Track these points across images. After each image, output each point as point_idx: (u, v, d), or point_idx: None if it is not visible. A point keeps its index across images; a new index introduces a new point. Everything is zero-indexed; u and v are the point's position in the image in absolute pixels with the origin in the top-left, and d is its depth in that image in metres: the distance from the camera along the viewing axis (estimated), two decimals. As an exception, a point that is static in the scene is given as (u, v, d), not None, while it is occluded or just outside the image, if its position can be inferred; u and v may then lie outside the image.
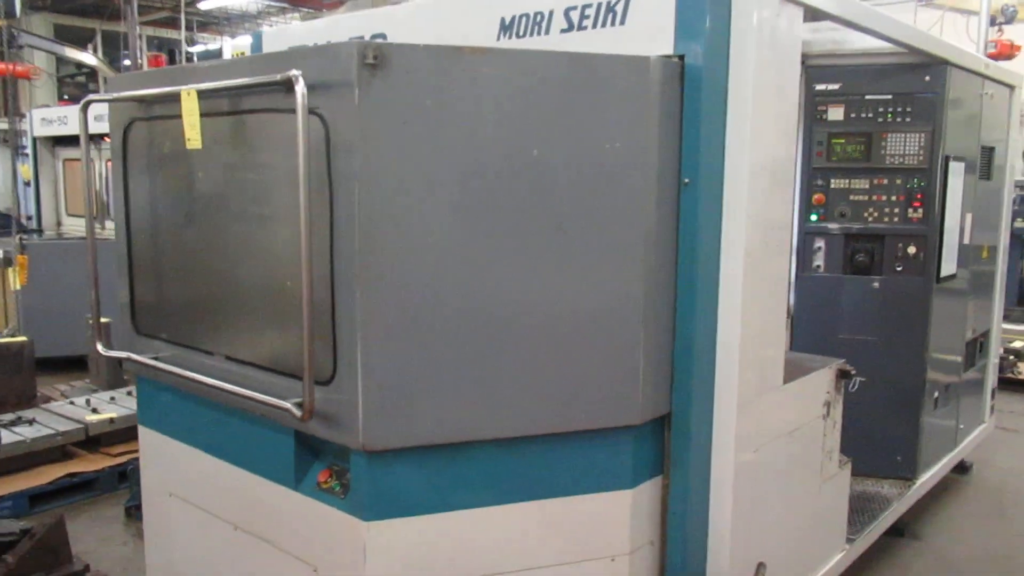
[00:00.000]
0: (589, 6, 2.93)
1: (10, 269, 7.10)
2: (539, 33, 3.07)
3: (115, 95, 3.14)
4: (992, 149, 5.36)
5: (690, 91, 2.72)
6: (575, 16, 2.97)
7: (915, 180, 4.58)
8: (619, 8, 2.86)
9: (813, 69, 4.63)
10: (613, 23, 2.87)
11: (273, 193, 2.65)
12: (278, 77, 2.35)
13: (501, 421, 2.57)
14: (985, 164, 5.22)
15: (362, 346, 2.40)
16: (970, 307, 5.33)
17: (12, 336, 6.89)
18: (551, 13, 3.03)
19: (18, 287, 7.03)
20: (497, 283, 2.51)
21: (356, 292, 2.38)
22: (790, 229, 3.16)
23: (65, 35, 19.71)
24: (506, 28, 3.16)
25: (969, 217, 5.07)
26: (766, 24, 2.79)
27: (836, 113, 4.64)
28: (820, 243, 4.75)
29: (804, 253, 4.76)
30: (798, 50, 3.05)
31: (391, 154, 2.35)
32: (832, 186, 4.69)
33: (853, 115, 4.62)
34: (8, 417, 5.77)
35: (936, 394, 4.95)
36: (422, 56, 2.36)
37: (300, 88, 2.30)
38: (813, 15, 3.42)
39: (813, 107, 4.65)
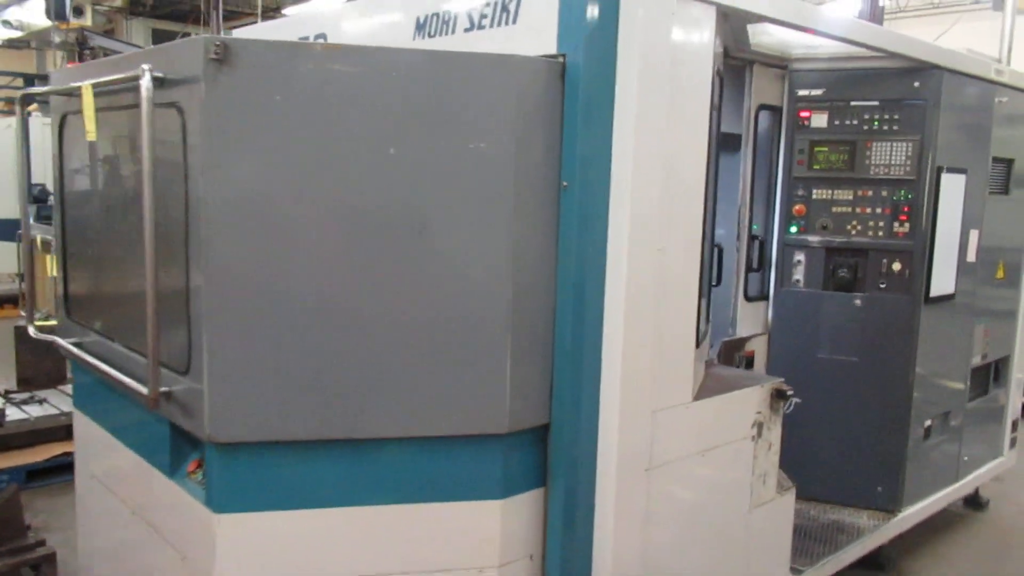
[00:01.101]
0: (488, 4, 2.87)
1: (48, 255, 7.48)
2: (447, 32, 3.03)
3: (48, 89, 3.27)
4: (1010, 161, 4.99)
5: (570, 91, 2.63)
6: (475, 15, 2.92)
7: (901, 192, 4.30)
8: (512, 6, 2.80)
9: (795, 73, 4.41)
10: (507, 22, 2.81)
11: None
12: (132, 73, 2.40)
13: (355, 421, 2.55)
14: (999, 177, 4.85)
15: (208, 336, 2.42)
16: (979, 330, 4.96)
17: (45, 320, 7.27)
18: (457, 13, 2.98)
19: (55, 273, 7.40)
20: (351, 281, 2.49)
21: (201, 282, 2.40)
22: (703, 235, 3.01)
23: (162, 39, 20.76)
24: (420, 28, 3.14)
25: (974, 234, 4.72)
26: (658, 24, 2.67)
27: (819, 120, 4.41)
28: (800, 256, 4.52)
29: (783, 266, 4.54)
30: (709, 51, 2.91)
31: (238, 148, 2.37)
32: (814, 196, 4.46)
33: (837, 122, 4.38)
34: (22, 396, 6.09)
35: (928, 422, 4.63)
36: (269, 51, 2.37)
37: (145, 82, 2.34)
38: (742, 17, 3.28)
39: (795, 113, 4.43)
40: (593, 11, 2.58)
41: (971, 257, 4.74)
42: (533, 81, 2.57)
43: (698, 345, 3.11)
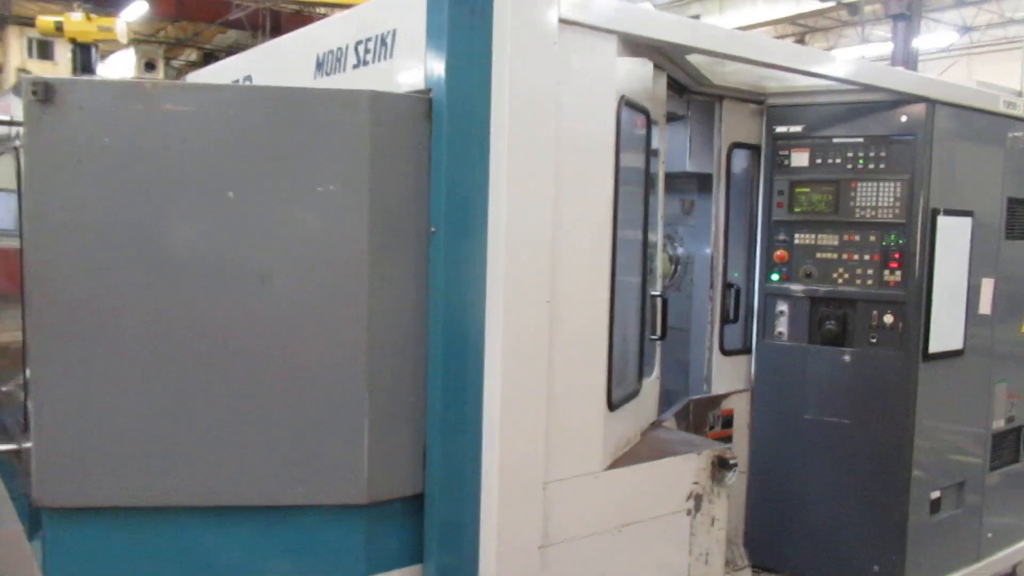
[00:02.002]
0: (370, 40, 2.70)
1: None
2: (339, 70, 2.88)
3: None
4: (1029, 202, 4.49)
5: (436, 130, 2.41)
6: (361, 51, 2.75)
7: (892, 236, 3.89)
8: (389, 41, 2.62)
9: (772, 109, 4.08)
10: (385, 56, 2.63)
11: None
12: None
13: (199, 487, 2.35)
14: (1014, 220, 4.36)
15: (36, 392, 2.27)
16: (999, 391, 4.43)
17: None
18: (346, 49, 2.83)
19: None
20: (189, 335, 2.31)
21: (30, 335, 2.26)
22: (606, 284, 2.71)
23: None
24: (319, 66, 2.99)
25: (988, 283, 4.24)
26: (535, 55, 2.43)
27: (800, 158, 4.05)
28: (783, 307, 4.13)
29: (765, 317, 4.15)
30: (610, 84, 2.65)
31: (63, 193, 2.24)
32: (796, 242, 4.08)
33: (819, 160, 4.01)
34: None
35: (936, 494, 4.12)
36: (96, 91, 2.24)
37: (-17, 126, 2.25)
38: (667, 48, 3.00)
39: (774, 152, 4.09)
40: (458, 42, 2.37)
41: (985, 309, 4.24)
42: (391, 119, 2.37)
43: (613, 407, 2.80)
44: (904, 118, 3.84)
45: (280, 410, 2.35)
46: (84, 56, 9.63)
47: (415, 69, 2.47)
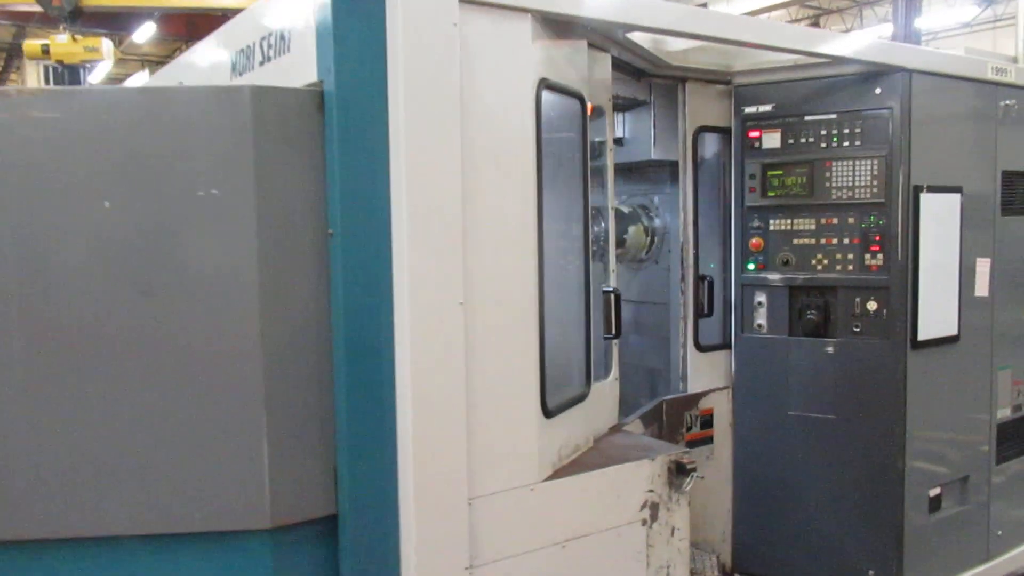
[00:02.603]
0: (272, 34, 2.55)
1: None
2: (249, 69, 2.73)
3: None
4: (1025, 175, 4.19)
5: (329, 124, 2.24)
6: (265, 47, 2.59)
7: (871, 218, 3.64)
8: (287, 35, 2.46)
9: (740, 89, 3.85)
10: (284, 51, 2.48)
11: None
12: None
13: (88, 517, 2.20)
14: (1011, 195, 4.07)
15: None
16: (1003, 378, 4.14)
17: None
18: (254, 46, 2.67)
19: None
20: (68, 360, 2.16)
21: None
22: (533, 282, 2.51)
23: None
24: (234, 67, 2.85)
25: (983, 263, 3.96)
26: (433, 40, 2.25)
27: (771, 139, 3.82)
28: (761, 297, 3.90)
29: (743, 310, 3.92)
30: (528, 68, 2.46)
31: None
32: (772, 228, 3.85)
33: (791, 141, 3.77)
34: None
35: (936, 490, 3.86)
36: (-43, 101, 2.11)
37: None
38: (600, 27, 2.80)
39: (743, 134, 3.85)
40: (347, 26, 2.20)
41: (981, 291, 3.96)
42: (278, 115, 2.20)
43: (551, 413, 2.60)
44: (878, 90, 3.58)
45: (172, 432, 2.19)
46: (72, 78, 9.67)
47: (309, 61, 2.30)
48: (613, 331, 3.11)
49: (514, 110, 2.44)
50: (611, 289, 3.10)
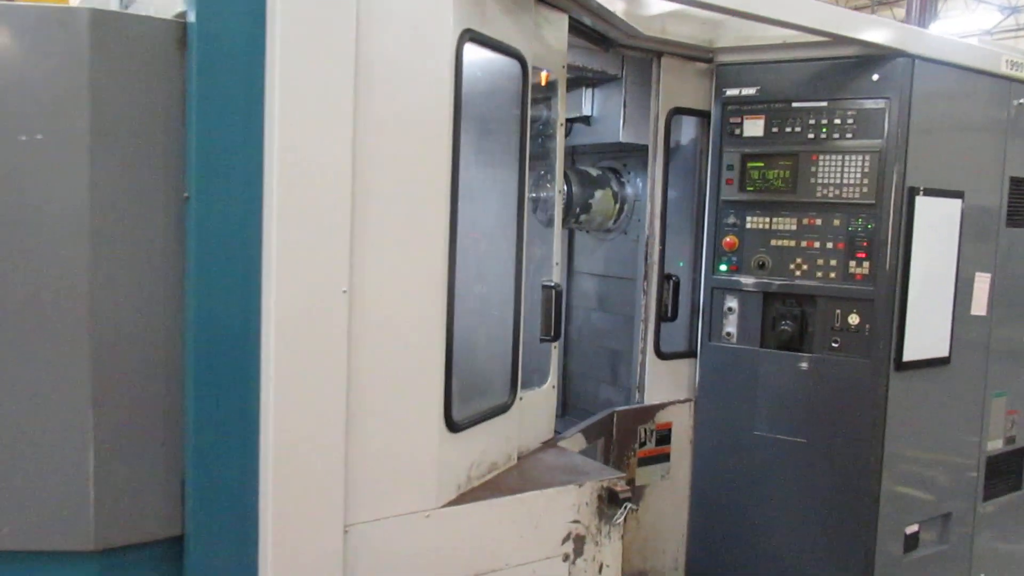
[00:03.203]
0: (149, -42, 2.14)
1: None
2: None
3: None
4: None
5: (190, 64, 1.84)
6: (145, -26, 2.19)
7: (859, 221, 3.23)
8: (160, -45, 2.05)
9: (722, 68, 3.44)
10: (161, -23, 2.06)
11: None
12: None
13: None
14: (1019, 204, 3.66)
15: None
16: (996, 407, 3.74)
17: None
18: (136, -27, 2.27)
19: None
20: None
21: None
22: (440, 270, 2.11)
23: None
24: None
25: (982, 279, 3.55)
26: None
27: (754, 127, 3.40)
28: (732, 302, 3.49)
29: (711, 315, 3.52)
30: (441, 13, 2.04)
31: None
32: (748, 226, 3.44)
33: (776, 129, 3.36)
34: None
35: (914, 527, 3.47)
36: None
37: None
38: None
39: (724, 119, 3.44)
40: (214, -53, 1.79)
41: (978, 309, 3.56)
42: (124, 47, 1.80)
43: (457, 427, 2.21)
44: (876, 77, 3.17)
45: (-21, 431, 1.80)
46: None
47: (176, -11, 1.90)
48: (552, 332, 2.71)
49: (427, 63, 2.03)
50: (552, 284, 2.70)
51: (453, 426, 2.19)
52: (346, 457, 1.97)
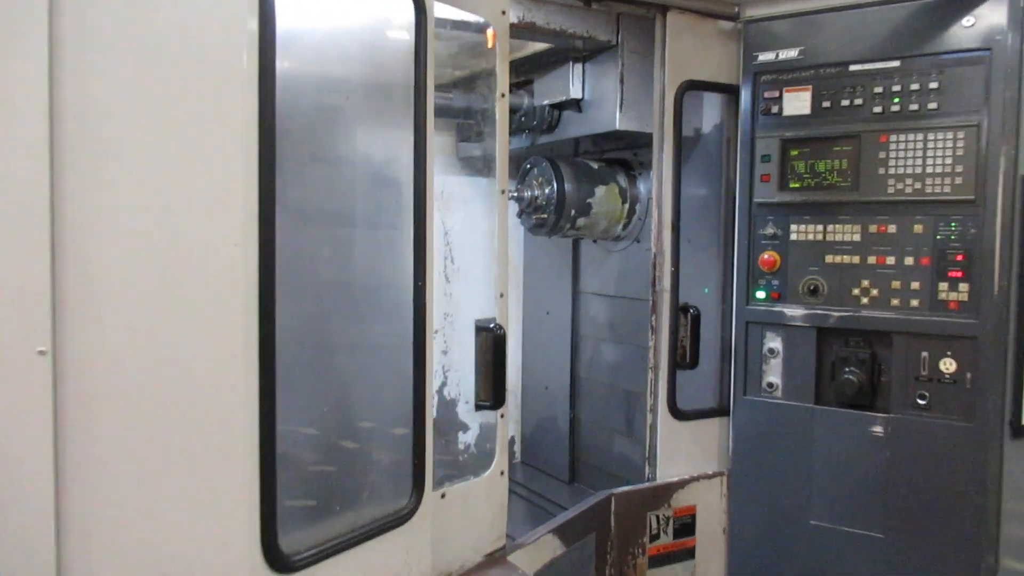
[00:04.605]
0: None
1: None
2: None
3: None
4: None
5: None
6: None
7: (952, 225, 2.28)
8: None
9: (752, 26, 2.55)
10: None
11: None
12: None
13: None
14: None
15: None
16: None
17: None
18: None
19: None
20: None
21: None
22: (248, 306, 1.29)
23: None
24: None
25: None
26: None
27: (797, 103, 2.50)
28: (774, 342, 2.57)
29: (746, 359, 2.60)
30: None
31: None
32: (793, 237, 2.52)
33: (828, 104, 2.45)
34: None
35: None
36: None
37: None
38: None
39: (755, 94, 2.54)
40: None
41: None
42: None
43: (285, 565, 1.36)
44: (970, 20, 2.23)
45: None
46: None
47: None
48: (490, 396, 1.85)
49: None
50: (490, 325, 1.84)
51: (282, 562, 1.35)
52: None
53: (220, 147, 1.26)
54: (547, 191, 2.81)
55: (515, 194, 2.84)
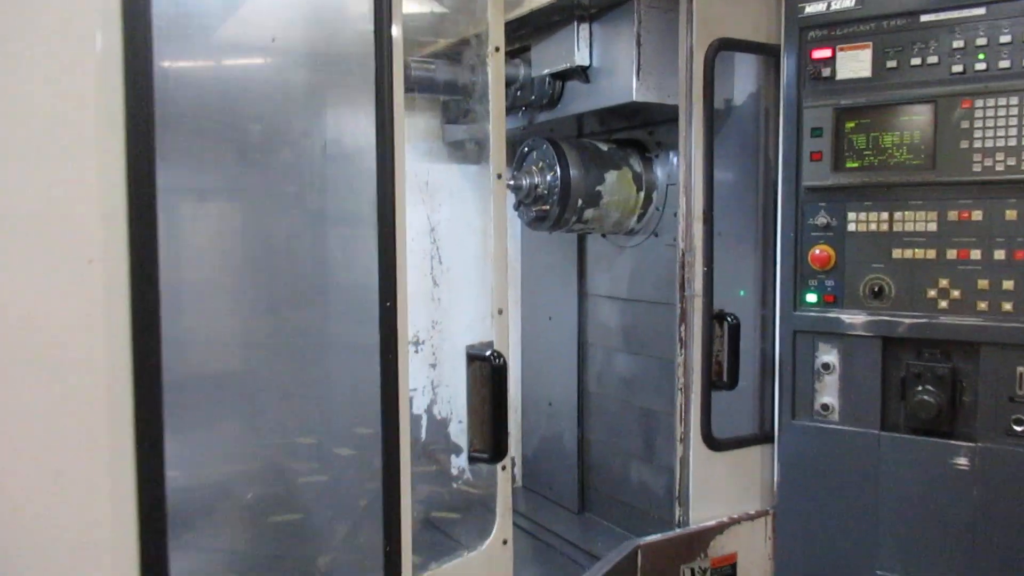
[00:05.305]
0: None
1: None
2: None
3: None
4: None
5: None
6: None
7: (1056, 211, 1.84)
8: None
9: (796, -29, 2.09)
10: None
11: None
12: None
13: None
14: None
15: None
16: None
17: None
18: None
19: None
20: None
21: None
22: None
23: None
24: None
25: None
26: None
27: (855, 63, 2.04)
28: (829, 355, 2.12)
29: (795, 376, 2.15)
30: None
31: None
32: (851, 228, 2.07)
33: (894, 64, 1.99)
34: None
35: None
36: None
37: None
38: None
39: (802, 55, 2.09)
40: None
41: None
42: None
43: None
44: (1078, -48, 1.79)
45: None
46: None
47: None
48: (488, 446, 1.40)
49: None
50: (486, 353, 1.39)
51: None
52: None
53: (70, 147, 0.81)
54: (549, 178, 2.36)
55: (512, 182, 2.39)
